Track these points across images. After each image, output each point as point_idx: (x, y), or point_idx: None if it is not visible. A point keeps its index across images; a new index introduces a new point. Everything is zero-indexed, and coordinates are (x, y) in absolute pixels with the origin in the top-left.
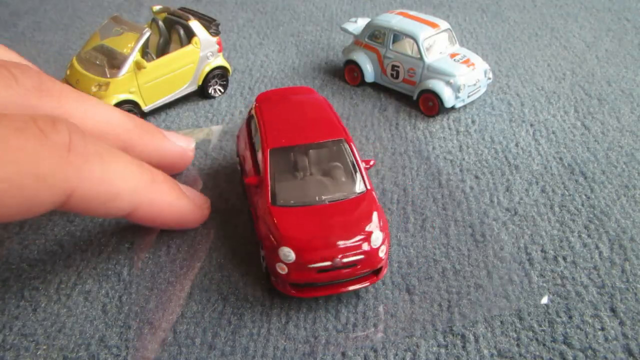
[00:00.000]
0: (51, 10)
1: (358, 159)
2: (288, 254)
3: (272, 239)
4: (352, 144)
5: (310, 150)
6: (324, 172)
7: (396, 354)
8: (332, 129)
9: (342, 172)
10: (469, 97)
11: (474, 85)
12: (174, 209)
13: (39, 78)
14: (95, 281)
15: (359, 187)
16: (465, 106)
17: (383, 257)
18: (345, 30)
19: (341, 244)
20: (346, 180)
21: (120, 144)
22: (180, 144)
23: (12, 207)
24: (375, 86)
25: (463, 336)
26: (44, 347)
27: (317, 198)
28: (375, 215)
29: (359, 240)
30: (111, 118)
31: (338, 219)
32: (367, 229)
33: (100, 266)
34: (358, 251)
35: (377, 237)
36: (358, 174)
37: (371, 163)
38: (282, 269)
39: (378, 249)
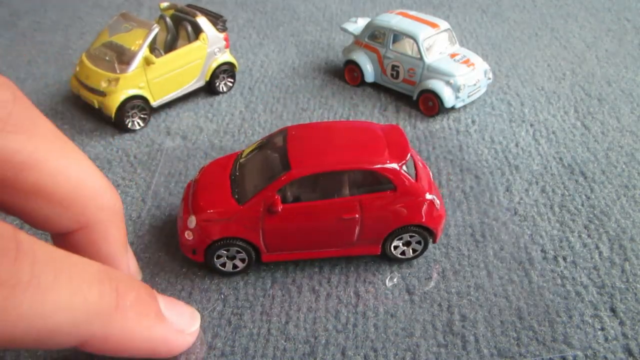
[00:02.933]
0: (51, 10)
1: None
2: None
3: None
4: None
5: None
6: None
7: (396, 354)
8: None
9: None
10: (469, 97)
11: (474, 85)
12: (142, 341)
13: (10, 105)
14: None
15: None
16: (465, 106)
17: None
18: (345, 30)
19: None
20: None
21: (81, 221)
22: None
23: None
24: (375, 86)
25: (463, 336)
26: None
27: None
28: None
29: None
30: (89, 184)
31: None
32: None
33: None
34: None
35: None
36: None
37: None
38: None
39: None
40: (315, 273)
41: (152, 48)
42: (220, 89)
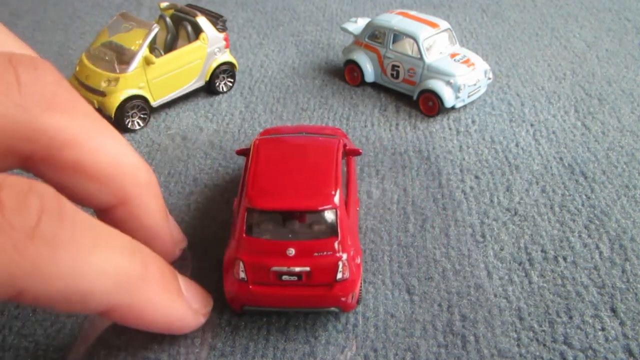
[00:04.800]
0: (51, 10)
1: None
2: None
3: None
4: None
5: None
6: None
7: (396, 354)
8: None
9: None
10: (469, 97)
11: (474, 85)
12: (162, 315)
13: (55, 87)
14: None
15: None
16: (465, 106)
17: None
18: (346, 30)
19: None
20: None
21: (120, 196)
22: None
23: None
24: (375, 86)
25: (463, 336)
26: (44, 347)
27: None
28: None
29: None
30: (126, 162)
31: None
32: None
33: None
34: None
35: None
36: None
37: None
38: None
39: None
40: None
41: (152, 48)
42: (220, 89)
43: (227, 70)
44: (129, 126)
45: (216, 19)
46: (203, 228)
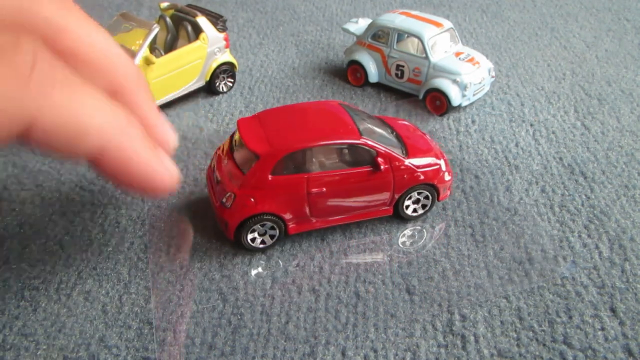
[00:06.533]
0: None
1: None
2: None
3: None
4: None
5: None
6: None
7: (396, 354)
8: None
9: None
10: (474, 95)
11: (479, 83)
12: (143, 162)
13: None
14: (95, 281)
15: None
16: (465, 106)
17: None
18: (347, 31)
19: None
20: None
21: (113, 84)
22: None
23: None
24: (376, 86)
25: (463, 336)
26: (44, 347)
27: None
28: None
29: None
30: (115, 54)
31: None
32: None
33: (100, 266)
34: None
35: None
36: None
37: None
38: None
39: None
40: (315, 273)
41: (152, 48)
42: (220, 89)
43: (227, 70)
44: None
45: (216, 19)
46: (204, 228)
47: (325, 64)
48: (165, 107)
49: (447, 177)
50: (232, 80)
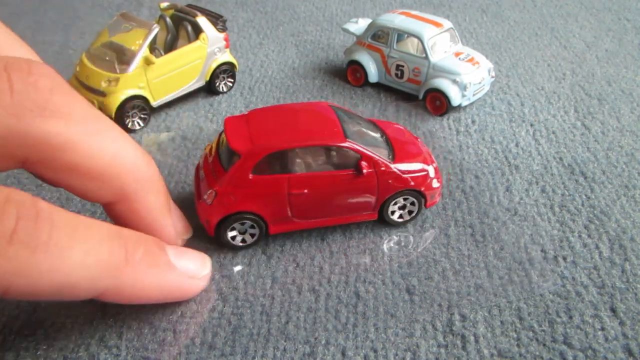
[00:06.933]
0: (51, 10)
1: None
2: None
3: None
4: None
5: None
6: None
7: (396, 354)
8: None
9: None
10: (474, 95)
11: (479, 83)
12: (155, 289)
13: (48, 92)
14: None
15: None
16: (465, 106)
17: None
18: (347, 31)
19: None
20: None
21: (118, 193)
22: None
23: None
24: (376, 86)
25: (463, 336)
26: (44, 347)
27: None
28: None
29: None
30: (125, 159)
31: None
32: None
33: None
34: None
35: None
36: None
37: None
38: None
39: None
40: (315, 273)
41: (152, 48)
42: (220, 89)
43: (227, 70)
44: (129, 126)
45: (216, 19)
46: (203, 228)
47: (325, 64)
48: (165, 107)
49: (435, 184)
50: (232, 80)
